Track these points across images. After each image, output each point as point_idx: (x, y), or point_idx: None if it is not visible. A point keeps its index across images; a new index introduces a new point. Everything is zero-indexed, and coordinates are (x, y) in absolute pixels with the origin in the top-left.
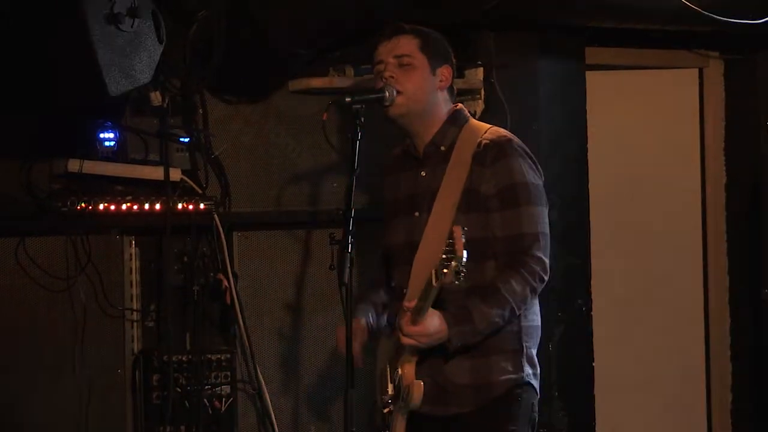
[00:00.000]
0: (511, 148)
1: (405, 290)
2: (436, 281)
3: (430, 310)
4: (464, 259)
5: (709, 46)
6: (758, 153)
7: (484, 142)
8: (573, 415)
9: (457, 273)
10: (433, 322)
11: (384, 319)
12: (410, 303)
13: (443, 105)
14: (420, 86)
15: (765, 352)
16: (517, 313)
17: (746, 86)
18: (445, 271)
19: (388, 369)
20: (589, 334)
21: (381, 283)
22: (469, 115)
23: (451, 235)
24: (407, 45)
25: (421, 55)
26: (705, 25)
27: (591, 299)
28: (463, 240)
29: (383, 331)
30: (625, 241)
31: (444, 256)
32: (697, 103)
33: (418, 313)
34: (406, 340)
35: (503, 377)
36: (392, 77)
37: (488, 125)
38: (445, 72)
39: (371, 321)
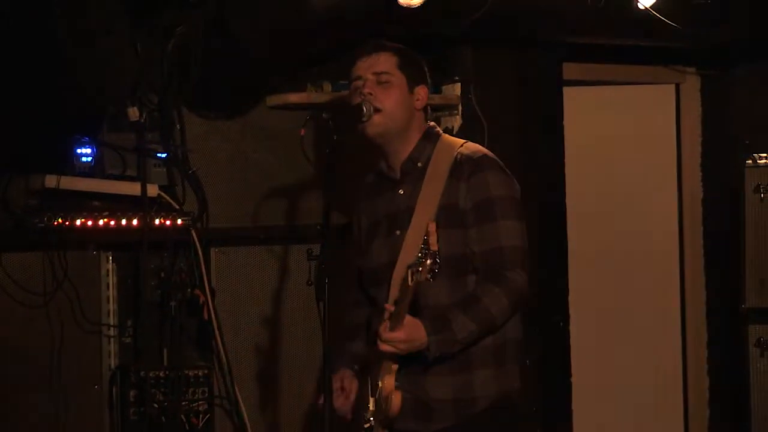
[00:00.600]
0: (486, 163)
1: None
2: (411, 280)
3: (409, 317)
4: (438, 254)
5: (686, 62)
6: (735, 168)
7: (459, 156)
8: (551, 430)
9: (431, 270)
10: (412, 329)
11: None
12: (390, 306)
13: (419, 124)
14: (398, 104)
15: (742, 366)
16: (497, 325)
17: (723, 101)
18: (420, 269)
19: (369, 384)
20: (567, 349)
21: (359, 324)
22: (441, 131)
23: (425, 232)
24: (386, 62)
25: (400, 73)
26: (681, 40)
27: (568, 315)
28: (437, 235)
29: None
30: (602, 256)
31: (419, 254)
32: (674, 118)
33: (396, 318)
34: (384, 347)
35: (485, 392)
36: (371, 94)
37: (462, 140)
38: (421, 92)
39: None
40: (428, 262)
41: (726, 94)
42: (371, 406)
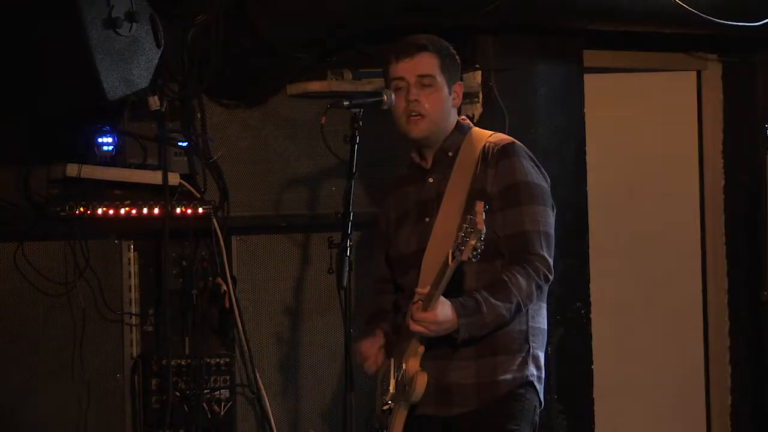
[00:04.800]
0: (514, 150)
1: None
2: (451, 260)
3: (442, 299)
4: (483, 234)
5: (708, 49)
6: (757, 155)
7: (488, 145)
8: (572, 419)
9: (475, 249)
10: (444, 310)
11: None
12: (423, 289)
13: (454, 118)
14: (440, 107)
15: (764, 354)
16: (523, 309)
17: (744, 88)
18: (463, 248)
19: (392, 367)
20: (588, 337)
21: (384, 309)
22: (471, 123)
23: (471, 211)
24: (429, 65)
25: (441, 75)
26: (703, 27)
27: (590, 302)
28: (484, 216)
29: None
30: (623, 243)
31: (462, 233)
32: (696, 106)
33: (429, 300)
34: (415, 326)
35: (507, 376)
36: (416, 100)
37: (491, 132)
38: (458, 89)
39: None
40: (473, 242)
41: (748, 81)
42: (391, 389)
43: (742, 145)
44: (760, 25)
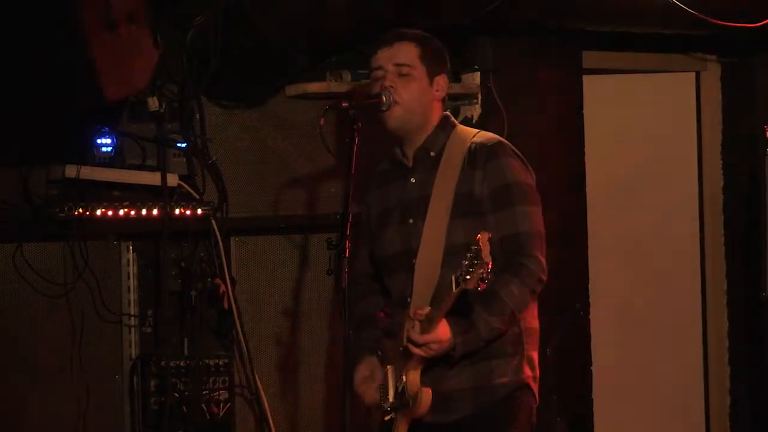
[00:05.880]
0: (501, 149)
1: (408, 299)
2: (456, 287)
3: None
4: (490, 266)
5: (707, 50)
6: (755, 156)
7: (473, 146)
8: (572, 419)
9: (482, 279)
10: (442, 330)
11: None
12: (422, 311)
13: (437, 113)
14: (417, 97)
15: (763, 354)
16: (517, 317)
17: (743, 89)
18: (468, 277)
19: (390, 376)
20: (587, 338)
21: (370, 314)
22: (456, 121)
23: (475, 242)
24: (408, 54)
25: (421, 65)
26: (702, 28)
27: (589, 303)
28: (489, 246)
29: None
30: (622, 244)
31: (466, 262)
32: (694, 107)
33: (429, 322)
34: (415, 350)
35: (503, 380)
36: (392, 86)
37: (476, 130)
38: (441, 82)
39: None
40: (480, 271)
41: (747, 82)
42: (391, 398)
43: (741, 146)
44: (759, 26)
